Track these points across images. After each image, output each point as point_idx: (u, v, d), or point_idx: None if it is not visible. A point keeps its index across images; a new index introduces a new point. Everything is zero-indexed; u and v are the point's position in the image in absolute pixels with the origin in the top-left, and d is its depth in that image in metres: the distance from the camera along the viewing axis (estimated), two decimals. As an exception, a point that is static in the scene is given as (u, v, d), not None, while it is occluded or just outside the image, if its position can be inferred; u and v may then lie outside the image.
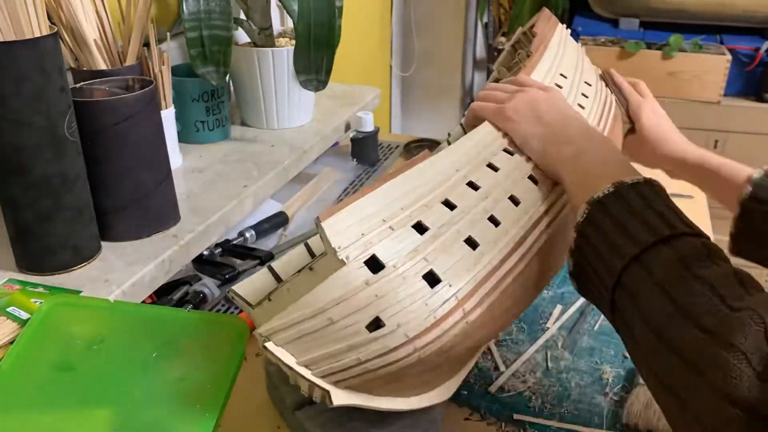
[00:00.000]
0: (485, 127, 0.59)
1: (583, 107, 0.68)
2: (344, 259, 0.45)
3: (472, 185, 0.54)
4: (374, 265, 0.46)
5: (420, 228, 0.49)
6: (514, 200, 0.55)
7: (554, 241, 0.57)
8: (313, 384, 0.48)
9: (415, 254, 0.47)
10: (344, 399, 0.49)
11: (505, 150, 0.58)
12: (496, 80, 0.83)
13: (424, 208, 0.50)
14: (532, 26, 0.80)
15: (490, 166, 0.56)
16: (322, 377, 0.48)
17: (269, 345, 0.47)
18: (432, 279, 0.47)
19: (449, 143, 0.70)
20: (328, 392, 0.48)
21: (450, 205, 0.52)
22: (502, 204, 0.54)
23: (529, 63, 0.68)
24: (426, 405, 0.54)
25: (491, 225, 0.52)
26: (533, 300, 0.58)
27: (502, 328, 0.54)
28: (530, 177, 0.58)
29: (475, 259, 0.49)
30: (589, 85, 0.72)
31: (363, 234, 0.47)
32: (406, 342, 0.46)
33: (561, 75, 0.69)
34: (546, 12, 0.81)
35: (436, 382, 0.55)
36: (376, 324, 0.46)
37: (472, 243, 0.50)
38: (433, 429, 0.57)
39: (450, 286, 0.47)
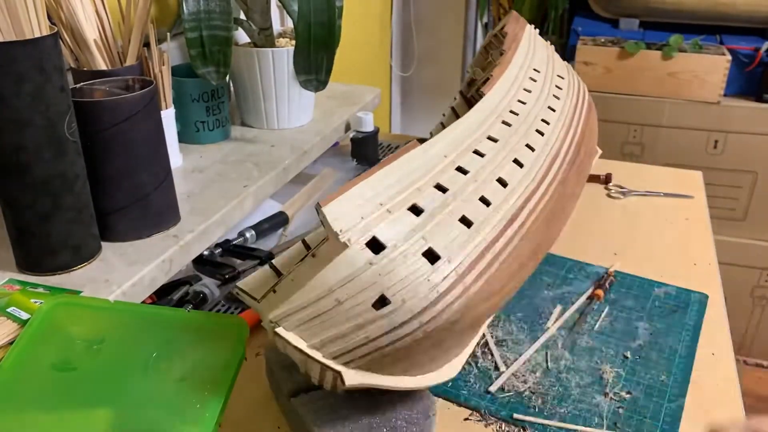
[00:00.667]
0: (468, 117, 0.61)
1: (558, 98, 0.72)
2: (346, 242, 0.48)
3: (461, 170, 0.56)
4: (375, 245, 0.49)
5: (415, 210, 0.52)
6: (502, 182, 0.58)
7: (546, 219, 0.61)
8: (324, 366, 0.49)
9: (413, 233, 0.50)
10: (355, 379, 0.51)
11: (489, 137, 0.60)
12: (472, 81, 0.85)
13: (417, 192, 0.53)
14: (502, 28, 0.83)
15: (476, 152, 0.59)
16: (333, 359, 0.49)
17: (280, 330, 0.49)
18: (432, 256, 0.50)
19: None
20: (339, 373, 0.49)
21: (442, 189, 0.54)
22: (491, 186, 0.57)
23: (503, 60, 0.71)
24: (434, 383, 0.57)
25: (483, 205, 0.55)
26: (529, 274, 0.62)
27: (501, 301, 0.57)
28: (515, 161, 0.62)
29: (470, 236, 0.52)
30: (562, 78, 0.76)
31: (362, 218, 0.49)
32: (411, 317, 0.48)
33: (534, 70, 0.73)
34: (514, 14, 0.86)
35: (442, 360, 0.57)
36: (381, 302, 0.48)
37: (466, 222, 0.53)
38: (425, 419, 0.57)
39: (449, 261, 0.50)
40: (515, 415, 0.61)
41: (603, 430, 0.60)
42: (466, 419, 0.61)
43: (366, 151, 1.14)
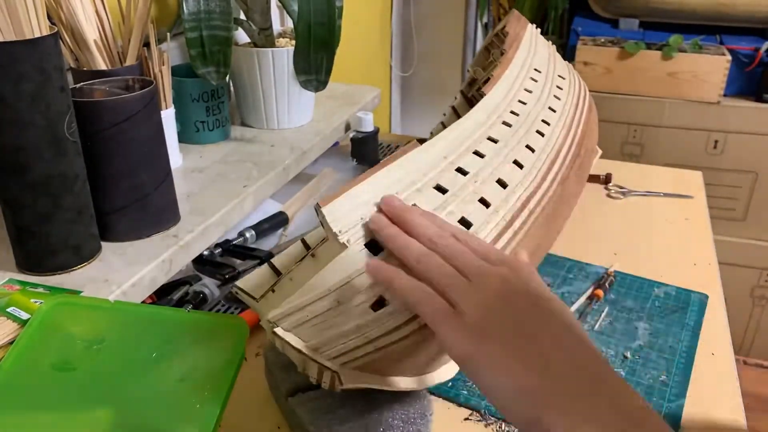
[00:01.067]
0: (469, 118, 0.61)
1: (558, 98, 0.70)
2: (345, 243, 0.47)
3: (460, 171, 0.56)
4: (374, 247, 0.48)
5: None
6: (502, 183, 0.58)
7: (546, 220, 0.61)
8: (322, 366, 0.49)
9: None
10: (354, 380, 0.50)
11: (489, 138, 0.60)
12: (473, 80, 0.84)
13: (417, 193, 0.52)
14: (503, 27, 0.83)
15: (477, 153, 0.58)
16: (331, 360, 0.49)
17: (278, 330, 0.49)
18: None
19: None
20: (337, 373, 0.49)
21: (441, 190, 0.54)
22: (490, 187, 0.56)
23: (503, 60, 0.71)
24: (432, 384, 0.57)
25: (482, 206, 0.55)
26: None
27: None
28: (515, 162, 0.61)
29: None
30: (563, 78, 0.75)
31: (362, 218, 0.49)
32: (410, 319, 0.47)
33: (535, 70, 0.72)
34: (516, 13, 0.85)
35: (441, 361, 0.56)
36: (380, 303, 0.47)
37: (466, 223, 0.53)
38: (422, 418, 0.57)
39: None
40: (515, 415, 0.61)
41: (603, 430, 0.59)
42: (466, 419, 0.61)
43: (366, 151, 1.14)
